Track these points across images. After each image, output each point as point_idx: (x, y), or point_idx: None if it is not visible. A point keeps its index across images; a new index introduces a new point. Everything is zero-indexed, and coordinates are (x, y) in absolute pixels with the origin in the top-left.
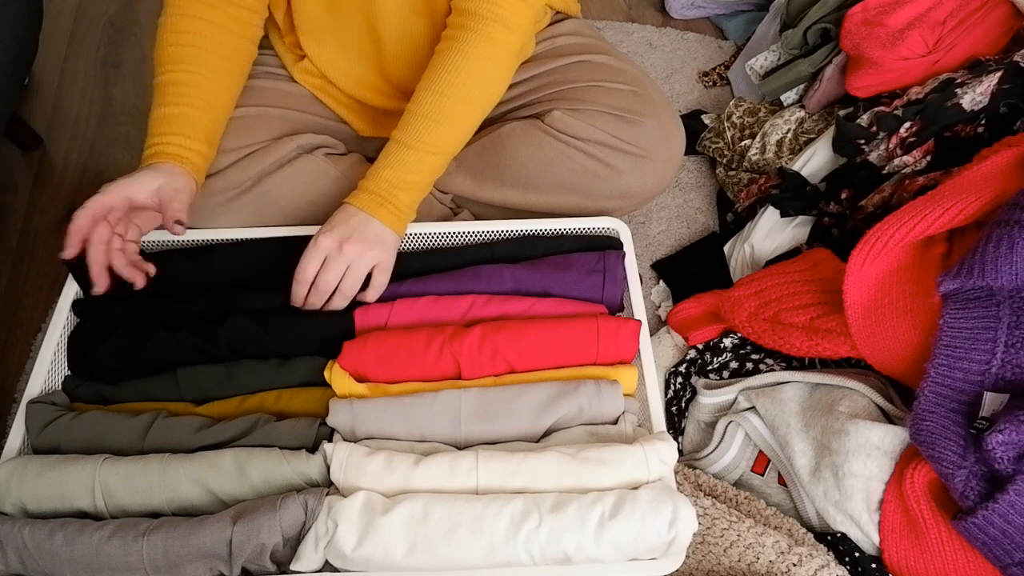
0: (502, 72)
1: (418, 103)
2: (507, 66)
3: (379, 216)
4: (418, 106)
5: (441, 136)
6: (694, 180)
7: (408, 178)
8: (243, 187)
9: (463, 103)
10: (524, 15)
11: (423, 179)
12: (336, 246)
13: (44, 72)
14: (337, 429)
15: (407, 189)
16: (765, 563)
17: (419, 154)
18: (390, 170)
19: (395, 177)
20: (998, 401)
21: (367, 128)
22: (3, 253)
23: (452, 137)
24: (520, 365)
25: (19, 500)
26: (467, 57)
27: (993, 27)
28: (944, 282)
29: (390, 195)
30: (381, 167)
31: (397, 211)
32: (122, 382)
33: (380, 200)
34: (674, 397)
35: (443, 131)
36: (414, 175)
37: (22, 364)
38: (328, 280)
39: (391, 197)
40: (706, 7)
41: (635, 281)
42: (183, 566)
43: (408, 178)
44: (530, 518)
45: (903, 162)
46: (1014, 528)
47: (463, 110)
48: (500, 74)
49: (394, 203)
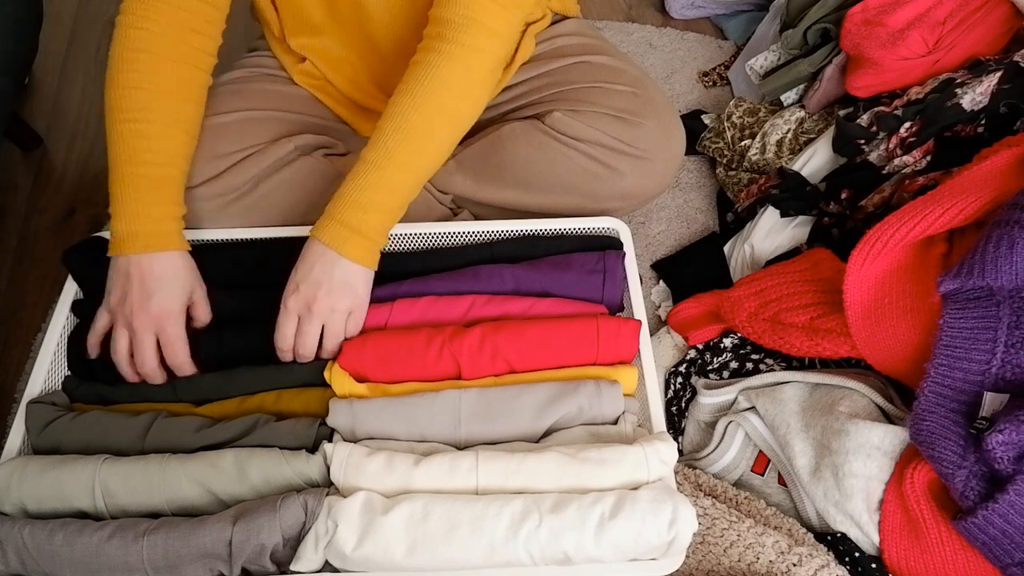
0: (481, 81)
1: (388, 118)
2: (487, 75)
3: (346, 252)
4: (387, 121)
5: (413, 152)
6: (694, 180)
7: (377, 199)
8: (242, 190)
9: (437, 115)
10: (502, 19)
11: (393, 201)
12: (305, 308)
13: (44, 72)
14: (337, 429)
15: (376, 212)
16: (765, 563)
17: (388, 173)
18: (358, 192)
19: (363, 199)
20: (998, 401)
21: (368, 128)
22: (3, 253)
23: (425, 153)
24: (520, 365)
25: (19, 500)
26: (440, 68)
27: (993, 27)
28: (944, 282)
29: (358, 221)
30: (348, 188)
31: (365, 239)
32: (122, 383)
33: (347, 231)
34: (674, 397)
35: (415, 147)
36: (383, 196)
37: (22, 364)
38: (307, 345)
39: (358, 223)
40: (706, 7)
41: (635, 281)
42: (183, 566)
43: (377, 199)
44: (530, 518)
45: (903, 162)
46: (1014, 528)
47: (438, 123)
48: (478, 84)
49: (361, 231)
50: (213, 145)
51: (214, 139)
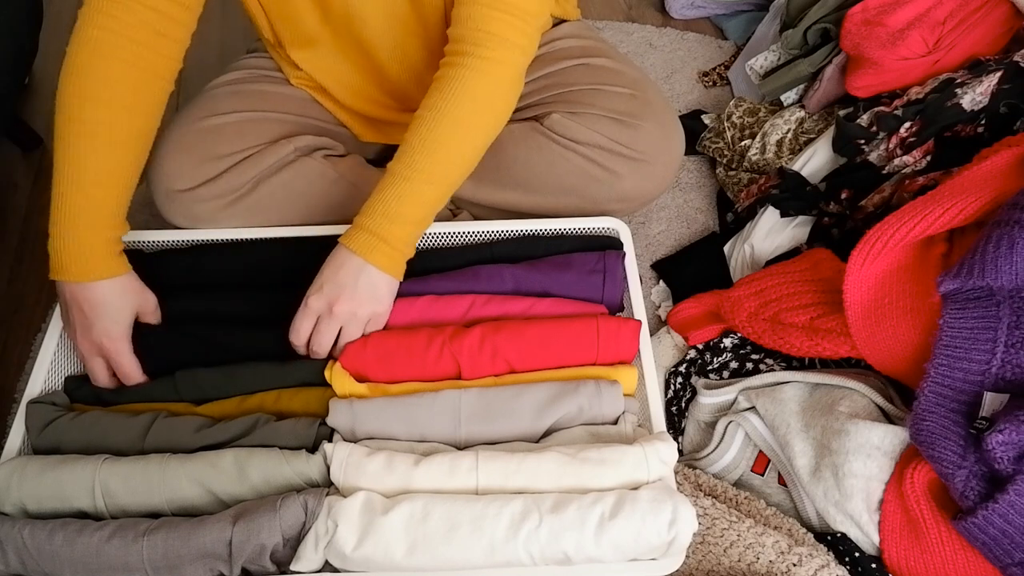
0: (504, 93)
1: (413, 131)
2: (510, 86)
3: (374, 260)
4: (413, 134)
5: (438, 164)
6: (694, 180)
7: (403, 211)
8: (241, 191)
9: (462, 128)
10: (520, 31)
11: (419, 212)
12: (327, 308)
13: (44, 72)
14: (337, 429)
15: (403, 223)
16: (765, 563)
17: (415, 185)
18: (385, 204)
19: (391, 210)
20: (998, 401)
21: (367, 133)
22: (3, 253)
23: (451, 164)
24: (520, 365)
25: (19, 500)
26: (464, 81)
27: (993, 27)
28: (944, 282)
29: (385, 231)
30: (376, 200)
31: (392, 249)
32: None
33: (375, 240)
34: (674, 397)
35: (440, 159)
36: (410, 208)
37: (22, 364)
38: (322, 344)
39: (386, 234)
40: (706, 7)
41: (635, 281)
42: (183, 566)
43: (403, 211)
44: (530, 518)
45: (903, 162)
46: (1014, 528)
47: (462, 135)
48: (502, 95)
49: (389, 241)
50: (212, 146)
51: (213, 140)
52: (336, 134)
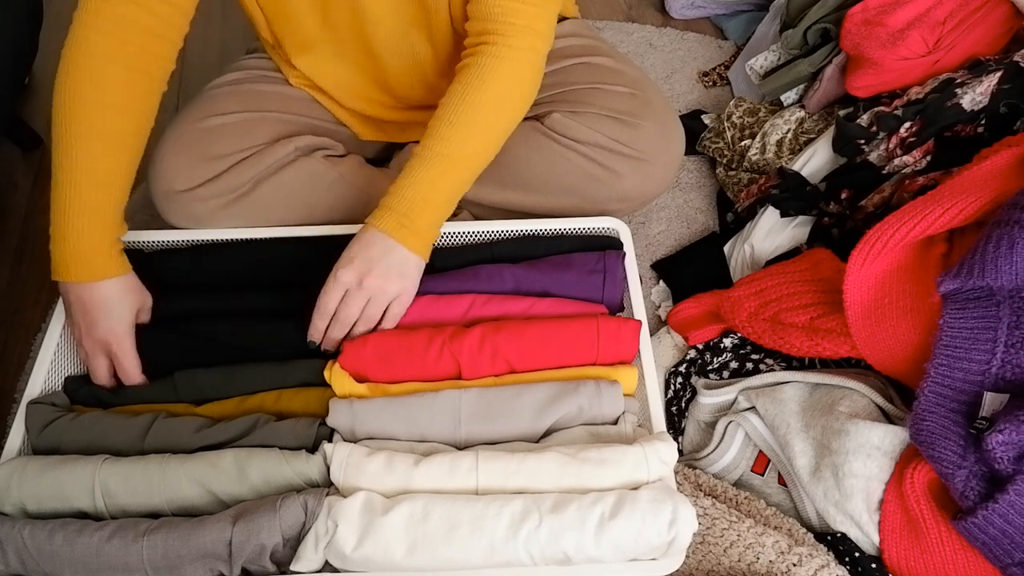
0: (528, 79)
1: (439, 118)
2: (533, 72)
3: (402, 239)
4: (438, 121)
5: (463, 147)
6: (694, 180)
7: (428, 194)
8: (241, 191)
9: (486, 113)
10: (540, 18)
11: (442, 196)
12: (356, 281)
13: (44, 72)
14: (337, 429)
15: (428, 206)
16: (765, 563)
17: (440, 168)
18: (410, 188)
19: (416, 194)
20: (998, 401)
21: (367, 131)
22: (3, 253)
23: (475, 150)
24: (520, 365)
25: (19, 500)
26: (488, 69)
27: (993, 27)
28: (944, 282)
29: (414, 213)
30: (401, 184)
31: (419, 231)
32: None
33: (404, 219)
34: (674, 397)
35: (466, 143)
36: (434, 191)
37: (22, 364)
38: (349, 313)
39: (415, 215)
40: (706, 7)
41: (635, 281)
42: (183, 566)
43: (428, 194)
44: (530, 518)
45: (903, 162)
46: (1014, 528)
47: (486, 121)
48: (526, 81)
49: (417, 223)
50: (212, 146)
51: (213, 140)
52: (336, 133)
